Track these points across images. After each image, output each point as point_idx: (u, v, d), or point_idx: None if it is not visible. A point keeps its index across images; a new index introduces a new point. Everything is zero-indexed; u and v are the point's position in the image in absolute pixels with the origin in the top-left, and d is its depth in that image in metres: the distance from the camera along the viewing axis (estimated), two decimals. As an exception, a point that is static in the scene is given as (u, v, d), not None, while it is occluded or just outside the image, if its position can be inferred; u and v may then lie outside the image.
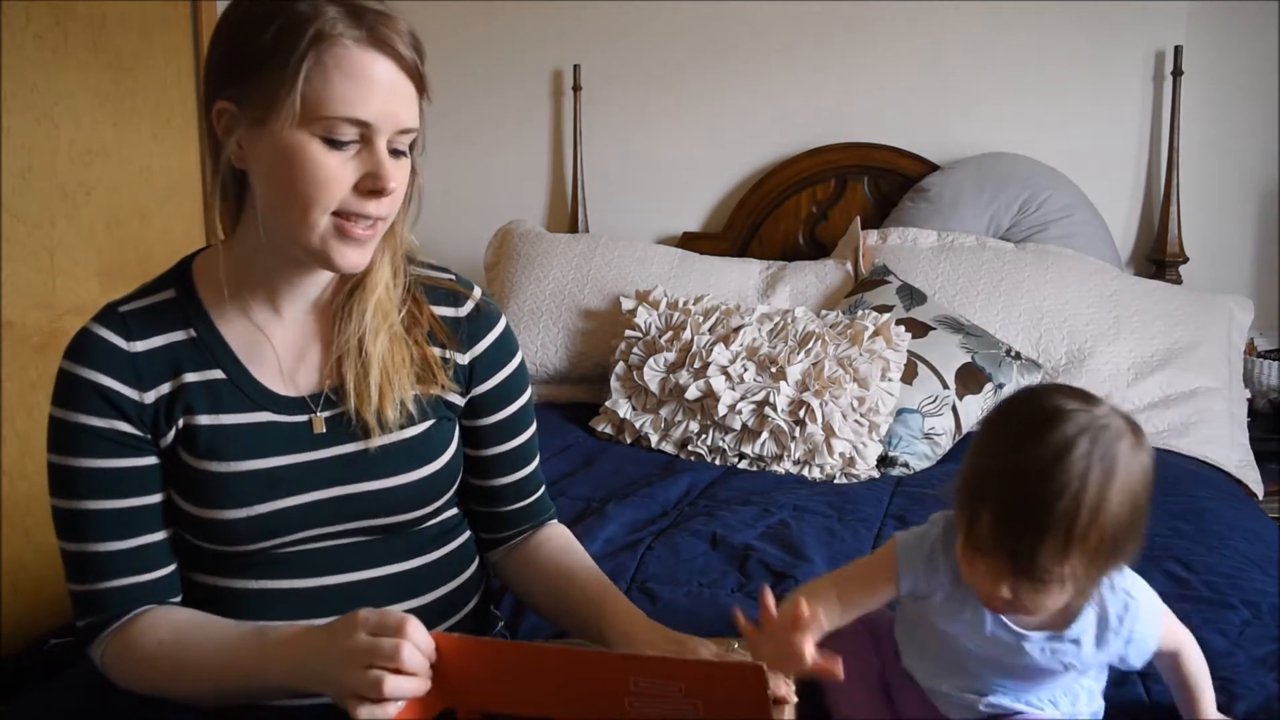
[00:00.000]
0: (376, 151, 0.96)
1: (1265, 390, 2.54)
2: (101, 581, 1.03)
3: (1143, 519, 0.91)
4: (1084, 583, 0.91)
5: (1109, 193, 2.72)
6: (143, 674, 1.03)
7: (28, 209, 2.18)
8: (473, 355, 1.15)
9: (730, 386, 2.12)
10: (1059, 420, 0.89)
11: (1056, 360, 2.30)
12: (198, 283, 1.08)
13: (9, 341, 2.15)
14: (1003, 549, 0.89)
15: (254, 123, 0.96)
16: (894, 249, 2.56)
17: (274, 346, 1.07)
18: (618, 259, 2.64)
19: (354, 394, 1.06)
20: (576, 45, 2.99)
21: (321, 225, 0.97)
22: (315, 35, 0.93)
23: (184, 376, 1.04)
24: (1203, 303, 2.42)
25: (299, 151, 0.94)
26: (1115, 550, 0.90)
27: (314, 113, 0.94)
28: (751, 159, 2.95)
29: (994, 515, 0.89)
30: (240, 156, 0.99)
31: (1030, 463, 0.88)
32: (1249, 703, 1.14)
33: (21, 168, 2.16)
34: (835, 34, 2.85)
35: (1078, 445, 0.88)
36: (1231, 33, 2.66)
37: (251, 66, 0.95)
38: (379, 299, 1.07)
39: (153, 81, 2.50)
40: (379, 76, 0.95)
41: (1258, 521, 1.79)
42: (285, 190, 0.96)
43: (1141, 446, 0.91)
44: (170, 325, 1.05)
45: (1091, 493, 0.87)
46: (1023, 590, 0.91)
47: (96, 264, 2.34)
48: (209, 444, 1.03)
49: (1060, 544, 0.87)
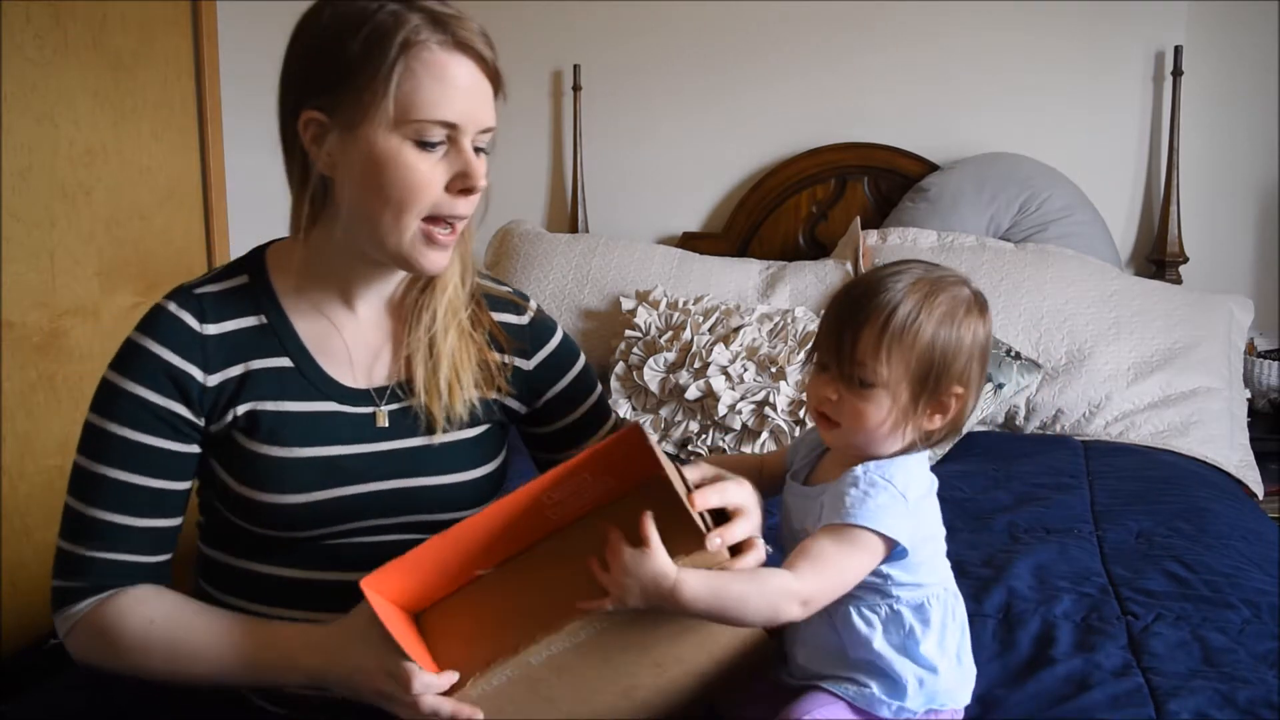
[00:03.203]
0: (464, 151, 1.00)
1: (1265, 390, 2.54)
2: (98, 550, 1.03)
3: (965, 364, 0.99)
4: (898, 395, 0.97)
5: (1109, 193, 2.72)
6: (122, 650, 1.02)
7: (28, 209, 2.18)
8: (537, 361, 1.19)
9: (730, 386, 2.12)
10: (909, 266, 1.02)
11: (1056, 360, 2.30)
12: (271, 271, 1.10)
13: (9, 341, 2.15)
14: (830, 343, 1.00)
15: (344, 130, 0.99)
16: (894, 249, 2.56)
17: (344, 339, 1.10)
18: (618, 259, 2.64)
19: (424, 389, 1.09)
20: (576, 45, 2.99)
21: (411, 230, 1.00)
22: (404, 42, 0.96)
23: (252, 364, 1.06)
24: (1203, 303, 2.42)
25: (393, 156, 0.97)
26: (930, 369, 0.97)
27: (405, 116, 0.97)
28: (751, 159, 2.95)
29: (827, 320, 1.01)
30: (329, 164, 1.01)
31: (864, 279, 1.01)
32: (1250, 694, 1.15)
33: (21, 168, 2.16)
34: (835, 34, 2.85)
35: (912, 276, 0.99)
36: (1231, 33, 2.66)
37: (341, 76, 0.97)
38: (450, 297, 1.10)
39: (153, 81, 2.50)
40: (463, 78, 0.99)
41: (1258, 521, 1.79)
42: (379, 194, 0.99)
43: (979, 312, 1.01)
44: (242, 310, 1.07)
45: (909, 304, 0.97)
46: (847, 395, 0.98)
47: (96, 264, 2.34)
48: (271, 429, 1.05)
49: (875, 336, 0.96)
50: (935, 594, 1.01)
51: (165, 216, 2.54)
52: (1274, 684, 1.18)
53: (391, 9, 0.97)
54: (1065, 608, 1.40)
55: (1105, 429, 2.23)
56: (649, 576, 0.87)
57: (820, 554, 0.95)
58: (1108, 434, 2.22)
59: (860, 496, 0.96)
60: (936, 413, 1.00)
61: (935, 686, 0.99)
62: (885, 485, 0.97)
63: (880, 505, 0.95)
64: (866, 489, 0.97)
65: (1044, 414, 2.28)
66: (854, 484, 0.97)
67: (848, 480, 0.98)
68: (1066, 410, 2.27)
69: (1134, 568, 1.53)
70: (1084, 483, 1.91)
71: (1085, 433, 2.25)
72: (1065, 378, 2.28)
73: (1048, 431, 2.28)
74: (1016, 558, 1.55)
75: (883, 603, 0.99)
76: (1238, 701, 1.14)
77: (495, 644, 0.93)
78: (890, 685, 0.98)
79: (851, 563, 0.95)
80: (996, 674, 1.22)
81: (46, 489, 2.23)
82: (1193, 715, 1.12)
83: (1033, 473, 1.96)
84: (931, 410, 1.00)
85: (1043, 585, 1.46)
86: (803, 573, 0.94)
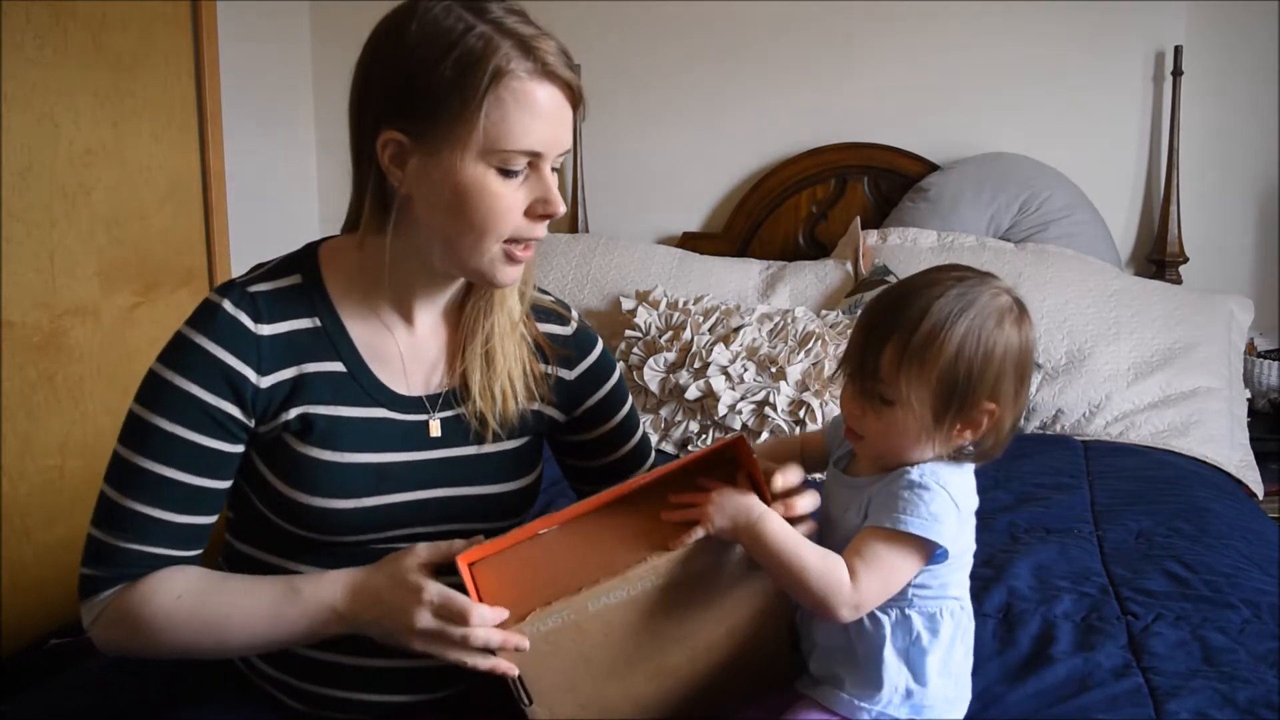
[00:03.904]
0: (544, 177, 1.00)
1: (1265, 390, 2.54)
2: (130, 541, 1.01)
3: (996, 379, 0.94)
4: (921, 415, 0.94)
5: (1109, 193, 2.72)
6: (151, 630, 1.01)
7: (28, 209, 2.18)
8: (580, 371, 1.19)
9: (730, 386, 2.12)
10: (947, 274, 0.98)
11: (1056, 360, 2.30)
12: (324, 272, 1.08)
13: (9, 341, 2.15)
14: (855, 357, 0.97)
15: (428, 154, 0.98)
16: (894, 249, 2.56)
17: (399, 346, 1.09)
18: (618, 259, 2.64)
19: (479, 396, 1.09)
20: (576, 45, 2.96)
21: (492, 252, 1.01)
22: (495, 72, 0.95)
23: (305, 367, 1.05)
24: (1203, 303, 2.43)
25: (476, 184, 0.97)
26: (954, 388, 0.93)
27: (493, 146, 0.96)
28: (751, 159, 2.95)
29: (855, 331, 0.99)
30: (408, 183, 1.00)
31: (898, 290, 0.98)
32: (1250, 694, 1.15)
33: (21, 168, 2.16)
34: (835, 34, 2.85)
35: (948, 288, 0.95)
36: (1231, 33, 2.66)
37: (429, 102, 0.96)
38: (510, 309, 1.11)
39: (153, 81, 2.50)
40: (549, 106, 0.98)
41: (1258, 521, 1.79)
42: (461, 220, 0.99)
43: (1015, 322, 0.96)
44: (296, 312, 1.06)
45: (937, 315, 0.93)
46: (870, 408, 0.96)
47: (96, 264, 2.34)
48: (324, 433, 1.04)
49: (897, 353, 0.93)
50: (950, 609, 0.99)
51: (165, 216, 2.54)
52: (1274, 684, 1.18)
53: (481, 31, 0.96)
54: (1065, 607, 1.40)
55: (1105, 429, 2.23)
56: (740, 504, 0.95)
57: (875, 558, 0.94)
58: (1108, 434, 2.22)
59: (915, 501, 0.94)
60: (967, 429, 0.96)
61: (922, 700, 0.98)
62: (940, 490, 0.95)
63: (934, 512, 0.94)
64: (921, 492, 0.94)
65: (1044, 414, 2.28)
66: (908, 486, 0.95)
67: (902, 481, 0.96)
68: (1066, 410, 2.27)
69: (1134, 568, 1.53)
70: (1084, 483, 1.91)
71: (1085, 433, 2.25)
72: (1065, 378, 2.28)
73: (1048, 431, 2.28)
74: (1016, 558, 1.55)
75: (894, 607, 0.98)
76: (1238, 701, 1.14)
77: (554, 588, 0.94)
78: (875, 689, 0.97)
79: (904, 568, 0.95)
80: (996, 673, 1.22)
81: (46, 489, 2.23)
82: (1192, 715, 1.13)
83: (1033, 473, 1.96)
84: (961, 427, 0.96)
85: (1043, 585, 1.46)
86: (860, 579, 0.93)
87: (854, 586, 0.93)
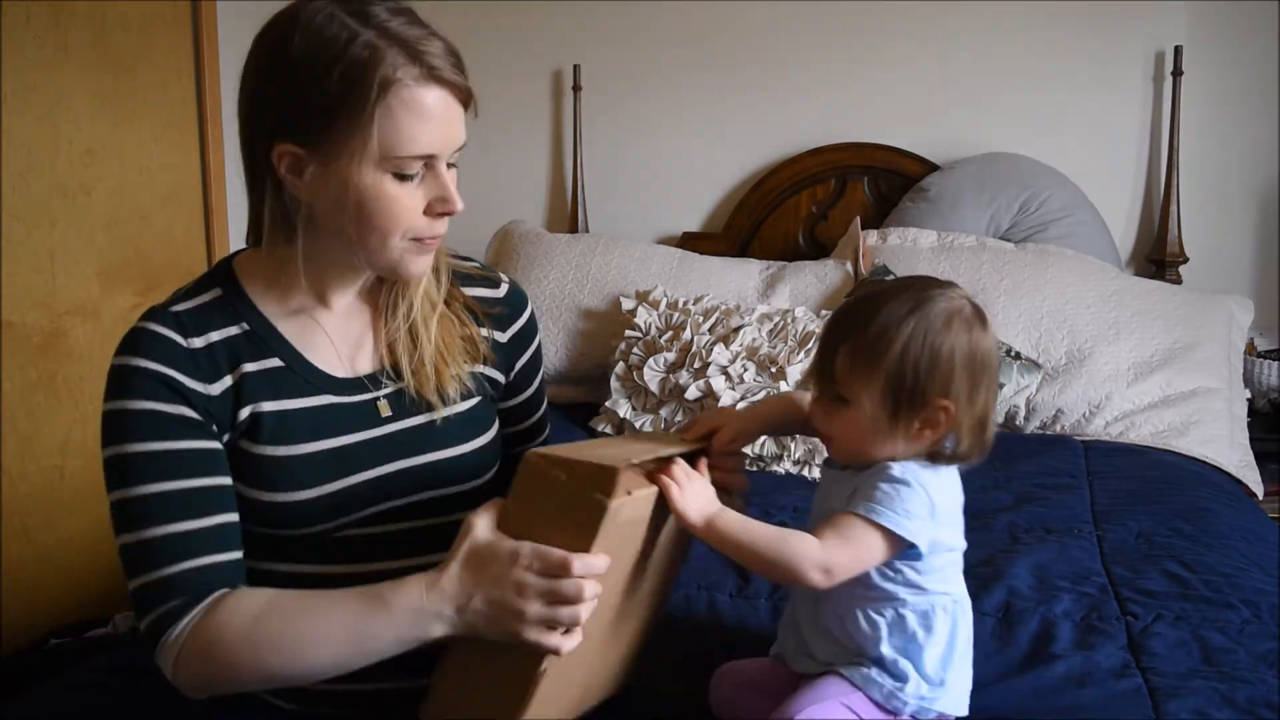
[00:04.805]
0: (440, 176, 1.02)
1: (1265, 390, 2.54)
2: (172, 565, 0.97)
3: (946, 378, 0.98)
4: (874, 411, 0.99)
5: (1109, 193, 2.72)
6: (234, 658, 0.96)
7: (28, 209, 2.18)
8: (512, 333, 1.21)
9: (730, 386, 2.12)
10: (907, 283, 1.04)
11: (1056, 360, 2.30)
12: (243, 281, 1.10)
13: (9, 341, 2.15)
14: (816, 361, 1.04)
15: (323, 164, 0.99)
16: (894, 249, 2.56)
17: (327, 333, 1.11)
18: (618, 259, 2.64)
19: (411, 375, 1.10)
20: (576, 45, 2.99)
21: (399, 249, 1.03)
22: (382, 83, 0.96)
23: (243, 367, 1.05)
24: (1203, 303, 2.42)
25: (373, 190, 0.99)
26: (901, 385, 0.98)
27: (386, 154, 0.98)
28: (751, 159, 2.95)
29: (821, 336, 1.05)
30: (307, 192, 1.01)
31: (858, 297, 1.04)
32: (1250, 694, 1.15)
33: (21, 168, 2.16)
34: (835, 34, 2.85)
35: (902, 294, 1.01)
36: (1231, 33, 2.66)
37: (319, 115, 0.97)
38: (425, 287, 1.12)
39: (153, 81, 2.50)
40: (438, 109, 0.99)
41: (1258, 521, 1.79)
42: (362, 224, 1.01)
43: (965, 325, 1.00)
44: (222, 321, 1.06)
45: (887, 318, 0.98)
46: (831, 409, 1.02)
47: (96, 264, 2.34)
48: (275, 429, 1.05)
49: (848, 354, 0.99)
50: (943, 604, 1.02)
51: (165, 216, 2.55)
52: (1274, 684, 1.18)
53: (365, 40, 0.96)
54: (1065, 607, 1.40)
55: (1105, 429, 2.23)
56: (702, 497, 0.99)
57: (848, 530, 0.98)
58: (1108, 434, 2.22)
59: (892, 495, 0.98)
60: (926, 428, 1.00)
61: (926, 691, 1.01)
62: (918, 489, 0.99)
63: (909, 509, 0.98)
64: (900, 487, 0.98)
65: (1044, 414, 2.28)
66: (888, 479, 0.99)
67: (883, 475, 1.00)
68: (1066, 410, 2.27)
69: (1134, 568, 1.53)
70: (1084, 483, 1.91)
71: (1085, 433, 2.25)
72: (1065, 378, 2.28)
73: (1048, 431, 2.28)
74: (1016, 557, 1.55)
75: (889, 606, 1.00)
76: (1237, 702, 1.14)
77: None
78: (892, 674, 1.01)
79: (875, 549, 0.98)
80: (995, 672, 1.22)
81: (46, 489, 2.24)
82: (1192, 715, 1.13)
83: (1033, 473, 1.96)
84: (920, 426, 0.99)
85: (1043, 585, 1.46)
86: (829, 543, 0.97)
87: (824, 551, 0.97)
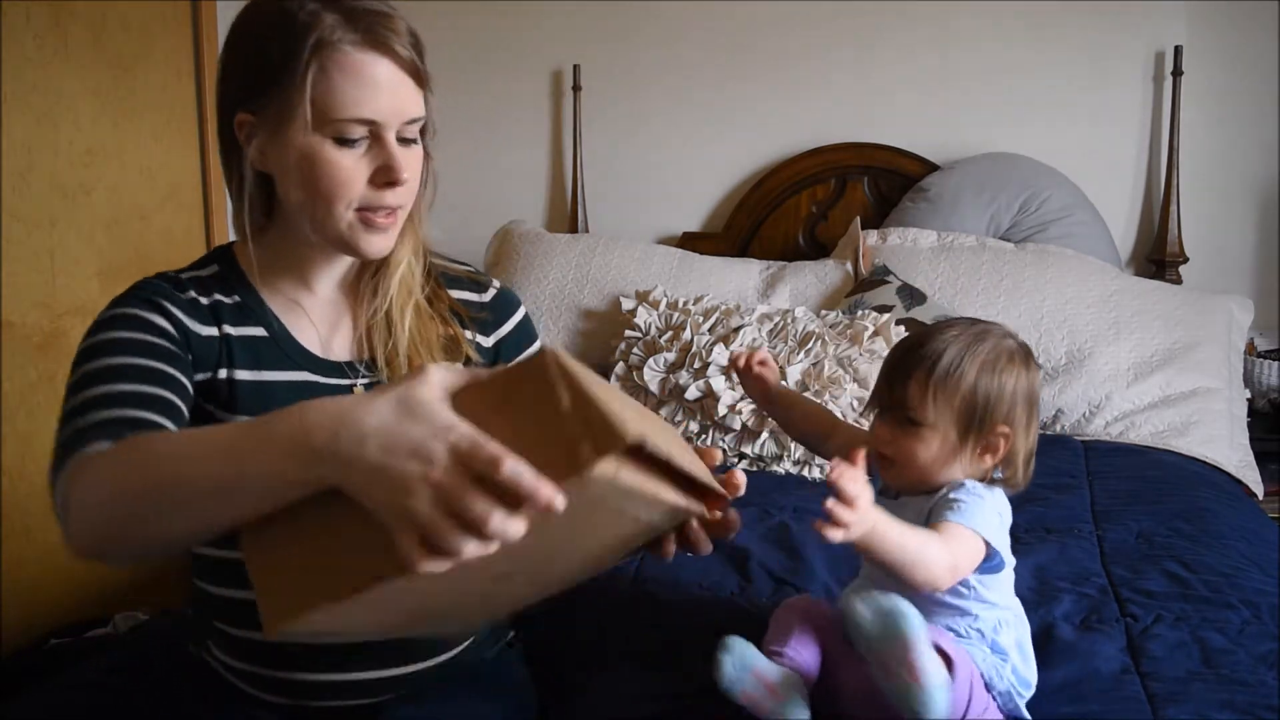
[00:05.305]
0: (387, 145, 1.02)
1: (1265, 390, 2.54)
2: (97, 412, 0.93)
3: (1009, 407, 1.10)
4: (947, 433, 1.08)
5: (1109, 193, 2.72)
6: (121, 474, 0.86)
7: (28, 209, 2.18)
8: (497, 338, 1.21)
9: (730, 386, 2.12)
10: (957, 322, 1.14)
11: (1056, 360, 2.30)
12: (238, 260, 1.13)
13: (9, 341, 2.15)
14: (883, 391, 1.13)
15: (272, 131, 1.02)
16: (894, 249, 2.56)
17: (310, 317, 1.13)
18: (618, 259, 2.64)
19: (386, 365, 1.11)
20: (576, 45, 2.99)
21: (346, 219, 1.04)
22: (316, 44, 0.98)
23: (228, 329, 1.08)
24: (1203, 303, 2.42)
25: (315, 154, 1.01)
26: (974, 411, 1.08)
27: (324, 117, 0.99)
28: (751, 159, 2.95)
29: (882, 371, 1.14)
30: (263, 162, 1.05)
31: (915, 336, 1.14)
32: (1250, 696, 1.15)
33: (21, 168, 2.16)
34: (835, 34, 2.85)
35: (957, 329, 1.12)
36: (1231, 33, 2.66)
37: (263, 79, 1.01)
38: (402, 275, 1.13)
39: (153, 81, 2.50)
40: (380, 76, 1.00)
41: (1258, 521, 1.79)
42: (308, 190, 1.02)
43: (1022, 361, 1.12)
44: (217, 290, 1.10)
45: (952, 353, 1.09)
46: (900, 436, 1.10)
47: (96, 264, 2.34)
48: (251, 399, 1.06)
49: (923, 381, 1.08)
50: (1006, 619, 1.11)
51: (165, 216, 2.55)
52: (1274, 685, 1.18)
53: (311, 9, 0.99)
54: (1065, 608, 1.40)
55: (1105, 429, 2.23)
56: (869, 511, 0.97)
57: (955, 535, 1.04)
58: (1108, 434, 2.22)
59: (977, 506, 1.05)
60: (986, 452, 1.11)
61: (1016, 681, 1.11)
62: (992, 504, 1.08)
63: (986, 518, 1.06)
64: (977, 500, 1.06)
65: (1044, 414, 2.28)
66: (967, 494, 1.07)
67: (959, 491, 1.07)
68: (1066, 410, 2.27)
69: (1134, 568, 1.53)
70: (1084, 483, 1.91)
71: (1085, 433, 2.25)
72: (1065, 378, 2.28)
73: (1047, 431, 2.28)
74: (1016, 558, 1.54)
75: (961, 621, 1.09)
76: (1237, 703, 1.14)
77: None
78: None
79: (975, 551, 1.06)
80: (996, 674, 1.23)
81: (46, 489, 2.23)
82: (1192, 717, 1.12)
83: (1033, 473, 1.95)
84: (981, 450, 1.10)
85: (1042, 585, 1.46)
86: (950, 545, 1.03)
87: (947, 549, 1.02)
